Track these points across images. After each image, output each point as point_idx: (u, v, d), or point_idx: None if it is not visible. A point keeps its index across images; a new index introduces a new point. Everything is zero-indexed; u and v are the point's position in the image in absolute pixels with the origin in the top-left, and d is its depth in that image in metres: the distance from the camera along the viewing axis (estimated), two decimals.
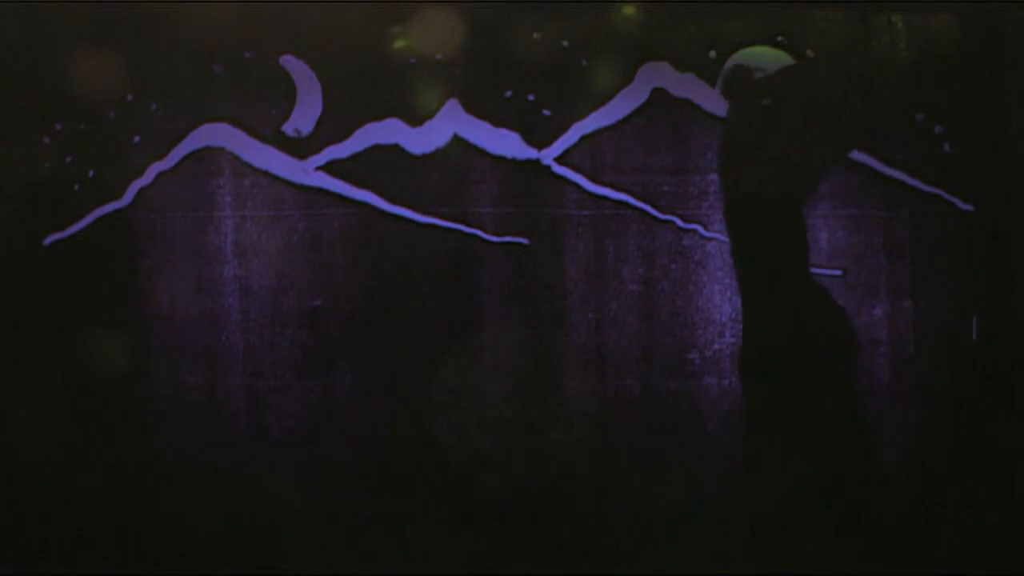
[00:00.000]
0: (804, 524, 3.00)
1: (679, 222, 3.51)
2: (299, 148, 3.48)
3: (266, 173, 3.49)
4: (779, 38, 3.48)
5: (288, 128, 3.47)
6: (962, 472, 3.50)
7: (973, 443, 3.49)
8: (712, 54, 3.47)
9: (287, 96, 3.47)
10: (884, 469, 3.51)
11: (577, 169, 3.48)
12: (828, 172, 3.24)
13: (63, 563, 3.51)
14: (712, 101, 3.48)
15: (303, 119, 3.47)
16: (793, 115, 2.70)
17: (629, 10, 3.52)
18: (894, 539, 3.52)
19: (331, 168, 3.47)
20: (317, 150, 3.47)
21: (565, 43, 3.46)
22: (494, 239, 3.48)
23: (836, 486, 3.00)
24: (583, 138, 3.47)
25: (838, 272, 3.51)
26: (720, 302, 3.52)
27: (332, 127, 3.47)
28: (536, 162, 3.48)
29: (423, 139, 3.46)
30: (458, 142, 3.47)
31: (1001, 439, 3.49)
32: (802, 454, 2.91)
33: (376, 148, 3.47)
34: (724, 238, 3.50)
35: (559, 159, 3.48)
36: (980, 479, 3.49)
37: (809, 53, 3.48)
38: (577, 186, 3.48)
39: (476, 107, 3.46)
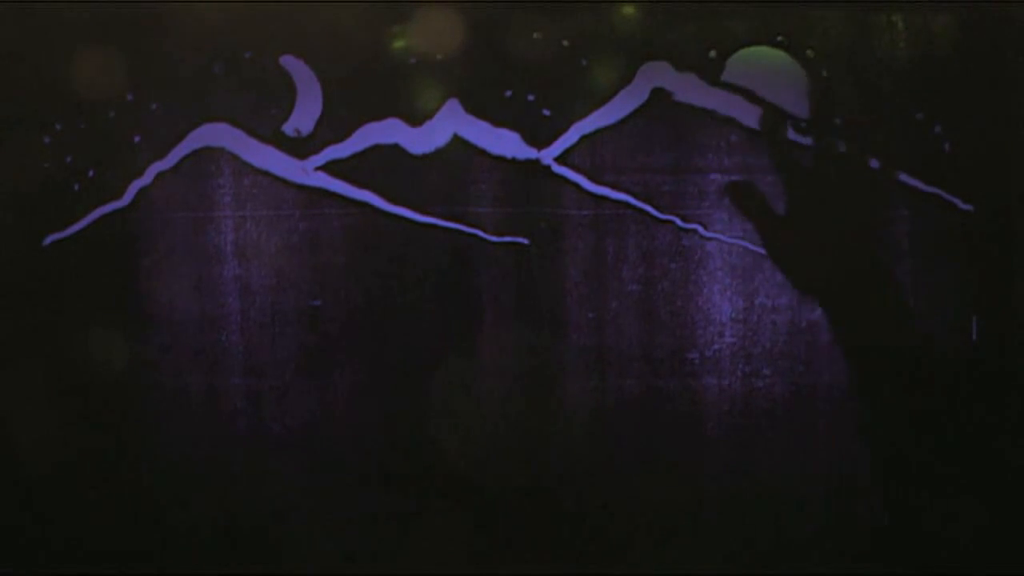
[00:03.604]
0: None
1: (679, 222, 3.51)
2: (299, 148, 3.48)
3: (266, 173, 3.49)
4: (779, 38, 3.49)
5: (288, 128, 3.47)
6: (962, 469, 3.50)
7: (974, 442, 3.50)
8: (712, 54, 3.47)
9: (287, 96, 3.47)
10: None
11: (577, 169, 3.48)
12: None
13: (63, 563, 3.51)
14: (712, 100, 3.48)
15: (303, 119, 3.47)
16: None
17: (629, 10, 3.52)
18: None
19: (331, 168, 3.47)
20: (317, 150, 3.47)
21: (565, 43, 3.46)
22: (494, 239, 3.48)
23: None
24: (583, 138, 3.47)
25: None
26: (720, 302, 3.52)
27: (332, 127, 3.47)
28: (536, 162, 3.48)
29: (423, 139, 3.46)
30: (458, 142, 3.47)
31: (1001, 439, 3.49)
32: None
33: (376, 148, 3.47)
34: (724, 238, 3.51)
35: (559, 159, 3.48)
36: (980, 477, 3.50)
37: (809, 53, 3.48)
38: (577, 186, 3.48)
39: (476, 107, 3.46)
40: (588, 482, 3.50)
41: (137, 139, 3.47)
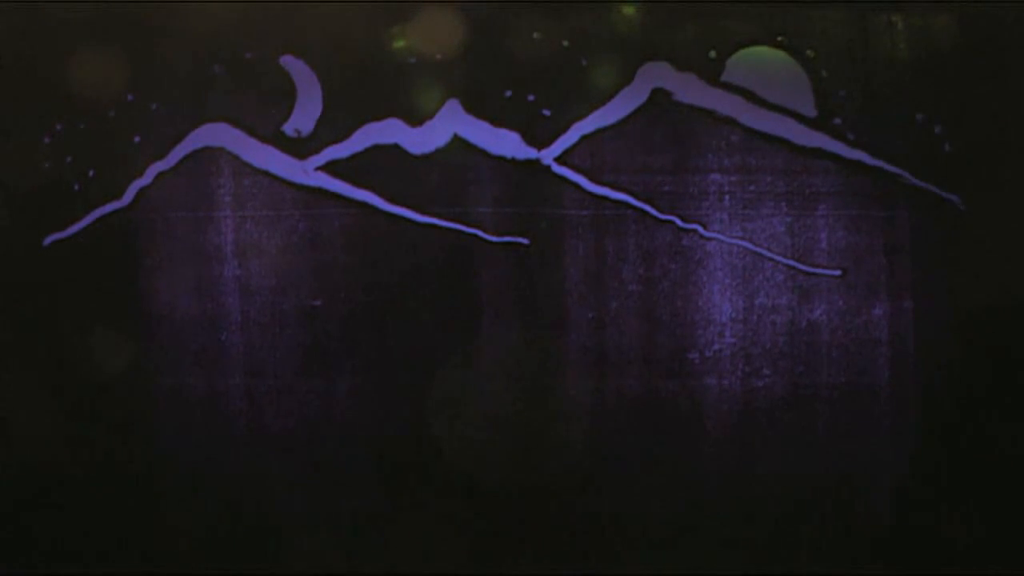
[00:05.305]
0: None
1: (679, 222, 3.51)
2: (299, 148, 3.48)
3: (266, 173, 3.49)
4: (779, 38, 3.49)
5: (288, 128, 3.47)
6: (962, 471, 3.51)
7: (974, 442, 3.50)
8: (712, 54, 3.47)
9: (287, 96, 3.47)
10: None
11: (577, 169, 3.48)
12: None
13: (63, 563, 3.51)
14: (712, 100, 3.48)
15: (303, 119, 3.47)
16: None
17: (629, 10, 3.52)
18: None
19: (331, 168, 3.47)
20: (317, 150, 3.47)
21: (565, 43, 3.46)
22: (494, 239, 3.48)
23: None
24: (583, 138, 3.47)
25: (837, 272, 3.51)
26: (720, 302, 3.52)
27: (332, 127, 3.47)
28: (536, 162, 3.48)
29: (423, 139, 3.46)
30: (458, 142, 3.47)
31: (1001, 437, 3.49)
32: None
33: (376, 148, 3.47)
34: (724, 238, 3.51)
35: (559, 159, 3.48)
36: (981, 477, 3.50)
37: (809, 53, 3.48)
38: (577, 186, 3.48)
39: (476, 107, 3.46)
40: (588, 482, 3.50)
41: (137, 139, 3.47)
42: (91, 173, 3.47)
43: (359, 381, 3.50)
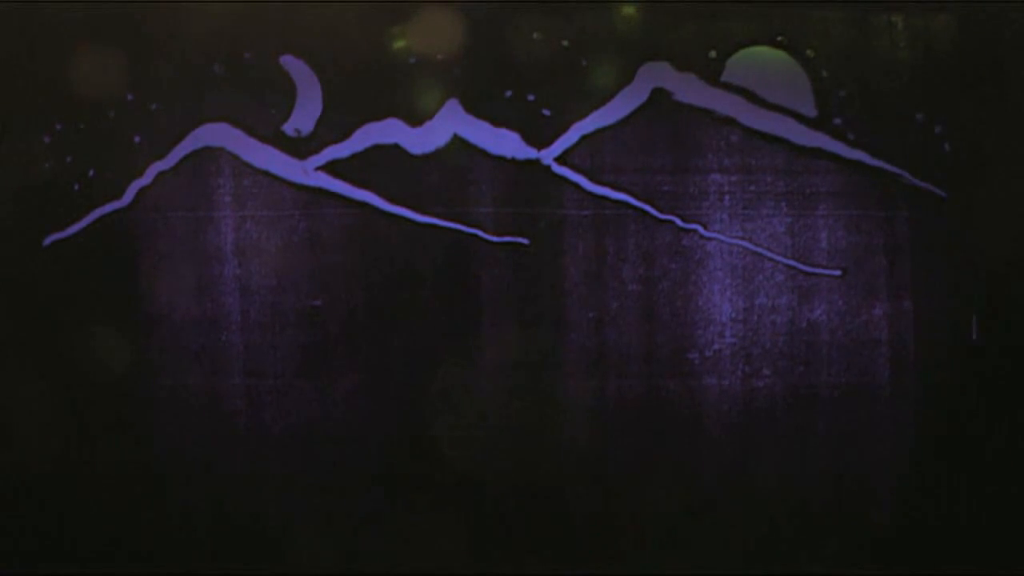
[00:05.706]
0: None
1: (679, 222, 3.51)
2: (299, 148, 3.48)
3: (266, 173, 3.49)
4: (779, 38, 3.49)
5: (288, 128, 3.47)
6: (962, 470, 3.51)
7: (973, 441, 3.50)
8: (712, 54, 3.47)
9: (287, 96, 3.47)
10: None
11: (577, 169, 3.48)
12: None
13: (63, 563, 3.51)
14: (712, 100, 3.48)
15: (303, 119, 3.47)
16: None
17: (629, 10, 3.52)
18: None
19: (331, 168, 3.47)
20: (317, 150, 3.47)
21: (565, 43, 3.46)
22: (494, 239, 3.48)
23: None
24: (583, 138, 3.47)
25: (838, 272, 3.51)
26: (720, 302, 3.52)
27: (332, 127, 3.47)
28: (536, 162, 3.48)
29: (423, 139, 3.47)
30: (458, 142, 3.47)
31: (1001, 436, 3.50)
32: None
33: (376, 148, 3.47)
34: (724, 238, 3.51)
35: (559, 159, 3.48)
36: (980, 476, 3.50)
37: (809, 53, 3.48)
38: (577, 186, 3.48)
39: (476, 107, 3.46)
40: (588, 481, 3.50)
41: (137, 139, 3.46)
42: (91, 173, 3.47)
43: (359, 381, 3.50)
